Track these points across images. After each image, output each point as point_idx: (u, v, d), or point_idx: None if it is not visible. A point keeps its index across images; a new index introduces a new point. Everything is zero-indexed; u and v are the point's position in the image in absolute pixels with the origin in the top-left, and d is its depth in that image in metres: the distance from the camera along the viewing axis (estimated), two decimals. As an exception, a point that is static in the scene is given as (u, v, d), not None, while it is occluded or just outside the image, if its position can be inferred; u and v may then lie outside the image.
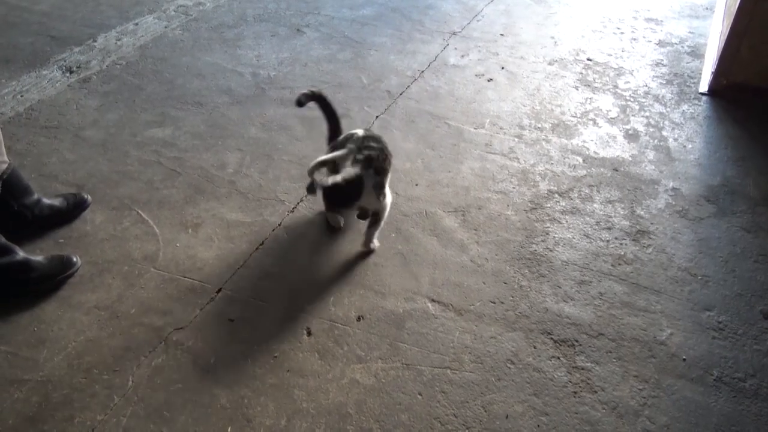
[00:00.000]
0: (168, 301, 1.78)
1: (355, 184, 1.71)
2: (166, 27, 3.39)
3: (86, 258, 1.91)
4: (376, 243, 1.96)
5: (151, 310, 1.76)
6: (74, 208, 2.06)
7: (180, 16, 3.52)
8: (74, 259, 1.87)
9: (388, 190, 1.87)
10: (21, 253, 1.77)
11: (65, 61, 3.01)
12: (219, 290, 1.83)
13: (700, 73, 3.07)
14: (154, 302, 1.78)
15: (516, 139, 2.55)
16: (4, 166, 1.84)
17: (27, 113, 2.60)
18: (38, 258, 1.81)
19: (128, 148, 2.41)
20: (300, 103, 1.92)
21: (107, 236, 2.00)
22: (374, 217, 1.91)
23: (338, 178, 1.66)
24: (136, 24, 3.42)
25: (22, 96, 2.71)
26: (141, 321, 1.72)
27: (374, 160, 1.75)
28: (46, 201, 2.00)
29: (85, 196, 2.10)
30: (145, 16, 3.52)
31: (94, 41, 3.21)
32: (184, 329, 1.70)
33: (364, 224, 2.05)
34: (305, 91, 1.93)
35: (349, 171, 1.70)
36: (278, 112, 2.68)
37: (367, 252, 1.96)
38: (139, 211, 2.10)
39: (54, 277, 1.81)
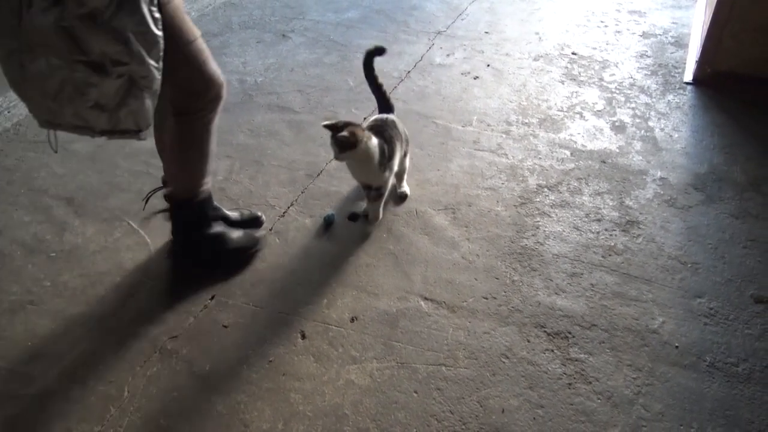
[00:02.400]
0: (161, 310, 1.78)
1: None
2: (151, 37, 3.39)
3: (78, 270, 1.91)
4: (380, 213, 2.09)
5: (145, 319, 1.76)
6: (246, 225, 2.02)
7: (165, 26, 3.52)
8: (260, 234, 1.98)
9: (389, 171, 1.99)
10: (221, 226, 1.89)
11: (51, 75, 3.01)
12: (212, 297, 1.83)
13: (685, 63, 3.09)
14: (147, 312, 1.78)
15: (504, 136, 2.56)
16: (206, 187, 1.79)
17: (15, 129, 2.60)
18: (236, 232, 1.92)
19: (117, 160, 2.42)
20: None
21: (99, 248, 2.00)
22: (377, 192, 2.01)
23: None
24: (122, 35, 3.41)
25: (9, 112, 2.71)
26: (135, 331, 1.72)
27: (387, 140, 1.96)
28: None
29: (259, 214, 2.07)
30: (131, 27, 3.52)
31: (80, 54, 3.21)
32: (178, 337, 1.71)
33: (354, 228, 2.07)
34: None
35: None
36: (266, 118, 2.69)
37: (371, 225, 2.09)
38: (130, 222, 2.10)
39: (246, 251, 1.92)
